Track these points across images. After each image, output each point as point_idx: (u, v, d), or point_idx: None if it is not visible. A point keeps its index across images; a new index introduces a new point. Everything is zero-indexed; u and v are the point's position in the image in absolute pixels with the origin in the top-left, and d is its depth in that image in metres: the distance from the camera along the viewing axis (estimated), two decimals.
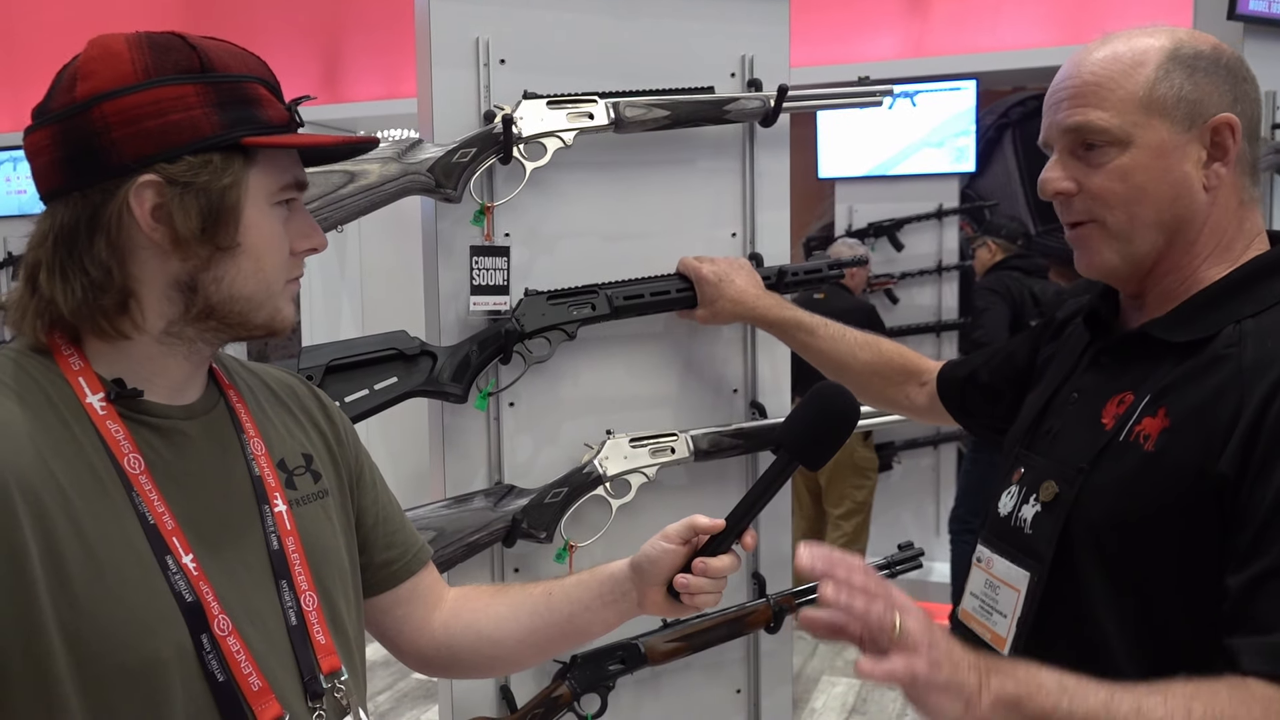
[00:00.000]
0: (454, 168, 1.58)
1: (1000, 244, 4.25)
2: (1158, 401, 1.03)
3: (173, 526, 0.88)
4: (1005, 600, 1.13)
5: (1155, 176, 1.06)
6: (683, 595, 1.12)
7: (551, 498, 1.68)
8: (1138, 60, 1.06)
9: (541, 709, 1.71)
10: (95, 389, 0.89)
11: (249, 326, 0.94)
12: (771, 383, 1.91)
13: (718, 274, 1.70)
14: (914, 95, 4.70)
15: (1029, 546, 1.11)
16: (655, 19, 1.78)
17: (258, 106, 0.90)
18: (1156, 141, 1.05)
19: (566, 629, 1.19)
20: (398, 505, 1.20)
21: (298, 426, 1.07)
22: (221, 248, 0.89)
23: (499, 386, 1.70)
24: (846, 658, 4.42)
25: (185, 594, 0.87)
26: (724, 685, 1.93)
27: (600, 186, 1.77)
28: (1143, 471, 1.02)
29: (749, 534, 1.13)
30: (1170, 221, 1.07)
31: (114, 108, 0.85)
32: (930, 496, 4.99)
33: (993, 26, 4.61)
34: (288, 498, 0.99)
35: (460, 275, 1.65)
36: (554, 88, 1.68)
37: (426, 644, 1.19)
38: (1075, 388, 1.17)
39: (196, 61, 0.88)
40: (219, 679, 0.87)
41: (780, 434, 1.13)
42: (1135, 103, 1.05)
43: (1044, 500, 1.10)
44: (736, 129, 1.83)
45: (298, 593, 0.96)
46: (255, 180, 0.90)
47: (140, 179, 0.86)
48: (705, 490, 1.85)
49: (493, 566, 1.74)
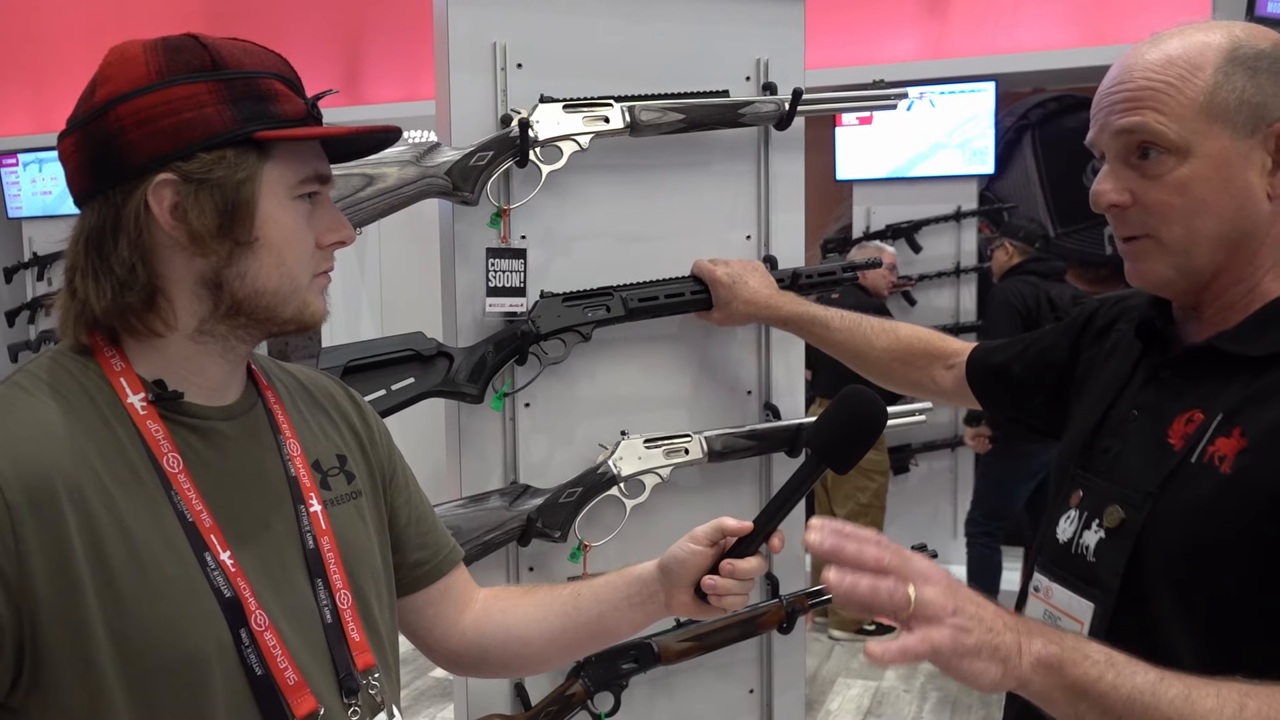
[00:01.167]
0: (471, 171, 1.60)
1: (1018, 246, 4.24)
2: (1232, 420, 0.96)
3: (210, 524, 0.90)
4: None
5: (1217, 188, 0.99)
6: (710, 597, 1.13)
7: (566, 497, 1.70)
8: (1195, 63, 0.99)
9: (555, 707, 1.73)
10: (136, 389, 0.90)
11: (278, 321, 0.95)
12: (786, 384, 1.91)
13: (731, 275, 1.71)
14: (933, 97, 4.68)
15: (1093, 575, 1.04)
16: (671, 23, 1.79)
17: (273, 101, 0.91)
18: (1218, 150, 0.98)
19: (595, 629, 1.20)
20: (430, 506, 1.21)
21: (332, 428, 1.09)
22: (240, 242, 0.90)
23: (515, 387, 1.71)
24: (862, 660, 4.42)
25: (224, 589, 0.89)
26: (737, 685, 1.94)
27: (616, 189, 1.79)
28: (1220, 495, 0.95)
29: (777, 536, 1.13)
30: (1232, 234, 1.00)
31: (129, 109, 0.87)
32: (948, 499, 4.98)
33: (1012, 28, 4.59)
34: (322, 498, 1.01)
35: (477, 277, 1.67)
36: (570, 91, 1.69)
37: (457, 643, 1.20)
38: (1134, 404, 1.09)
39: (208, 60, 0.89)
40: (257, 673, 0.89)
41: (808, 436, 1.13)
42: (1195, 109, 0.98)
43: (1108, 526, 1.03)
44: (751, 132, 1.84)
45: (333, 591, 0.98)
46: (272, 174, 0.91)
47: (157, 178, 0.87)
48: (719, 491, 1.86)
49: (508, 565, 1.76)
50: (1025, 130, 5.18)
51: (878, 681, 4.21)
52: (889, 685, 4.18)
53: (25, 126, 6.16)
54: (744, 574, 1.11)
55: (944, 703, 4.01)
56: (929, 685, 4.17)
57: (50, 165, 6.05)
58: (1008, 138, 5.25)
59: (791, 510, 1.13)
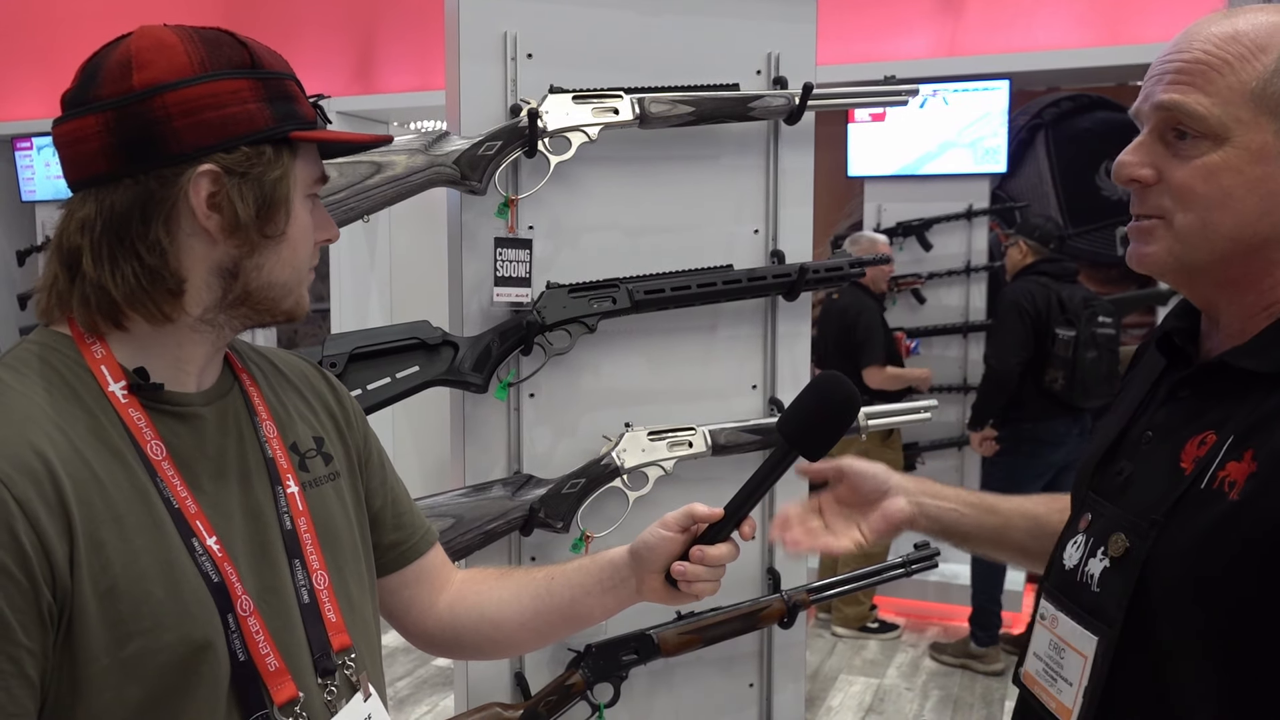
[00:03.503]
0: (479, 160, 1.60)
1: (1032, 246, 4.21)
2: (1244, 443, 0.90)
3: (195, 510, 0.91)
4: (1071, 666, 1.01)
5: (1246, 183, 0.91)
6: (680, 583, 1.13)
7: (569, 488, 1.70)
8: (1260, 45, 0.90)
9: (555, 696, 1.73)
10: (117, 377, 0.91)
11: (276, 312, 0.97)
12: (791, 379, 1.91)
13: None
14: (946, 95, 4.67)
15: (1097, 606, 0.98)
16: (682, 15, 1.79)
17: (297, 103, 0.95)
18: (1258, 144, 0.91)
19: (567, 613, 1.20)
20: (405, 489, 1.22)
21: (309, 409, 1.10)
22: (269, 236, 0.93)
23: (519, 377, 1.72)
24: (865, 657, 4.42)
25: (212, 575, 0.89)
26: (737, 679, 1.94)
27: (624, 181, 1.79)
28: (1228, 524, 0.88)
29: (747, 523, 1.13)
30: (1250, 238, 0.93)
31: (176, 98, 0.88)
32: None
33: (1027, 26, 4.57)
34: (300, 480, 1.02)
35: (484, 266, 1.68)
36: (580, 82, 1.69)
37: (432, 624, 1.21)
38: (1149, 425, 1.02)
39: (248, 58, 0.92)
40: (240, 659, 0.90)
41: (779, 422, 1.12)
42: (1244, 94, 0.90)
43: (1113, 555, 0.98)
44: (761, 126, 1.84)
45: (309, 571, 0.99)
46: (299, 173, 0.95)
47: (200, 168, 0.89)
48: (723, 485, 1.85)
49: (510, 555, 1.76)
50: (1039, 129, 5.16)
51: (879, 679, 4.21)
52: (891, 683, 4.18)
53: (39, 110, 6.17)
54: (713, 560, 1.12)
55: (945, 701, 4.00)
56: (931, 684, 4.17)
57: None
58: (1021, 137, 5.23)
59: (762, 498, 1.12)
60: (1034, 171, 5.15)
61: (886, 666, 4.34)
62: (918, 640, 4.60)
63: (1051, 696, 1.04)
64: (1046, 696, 1.04)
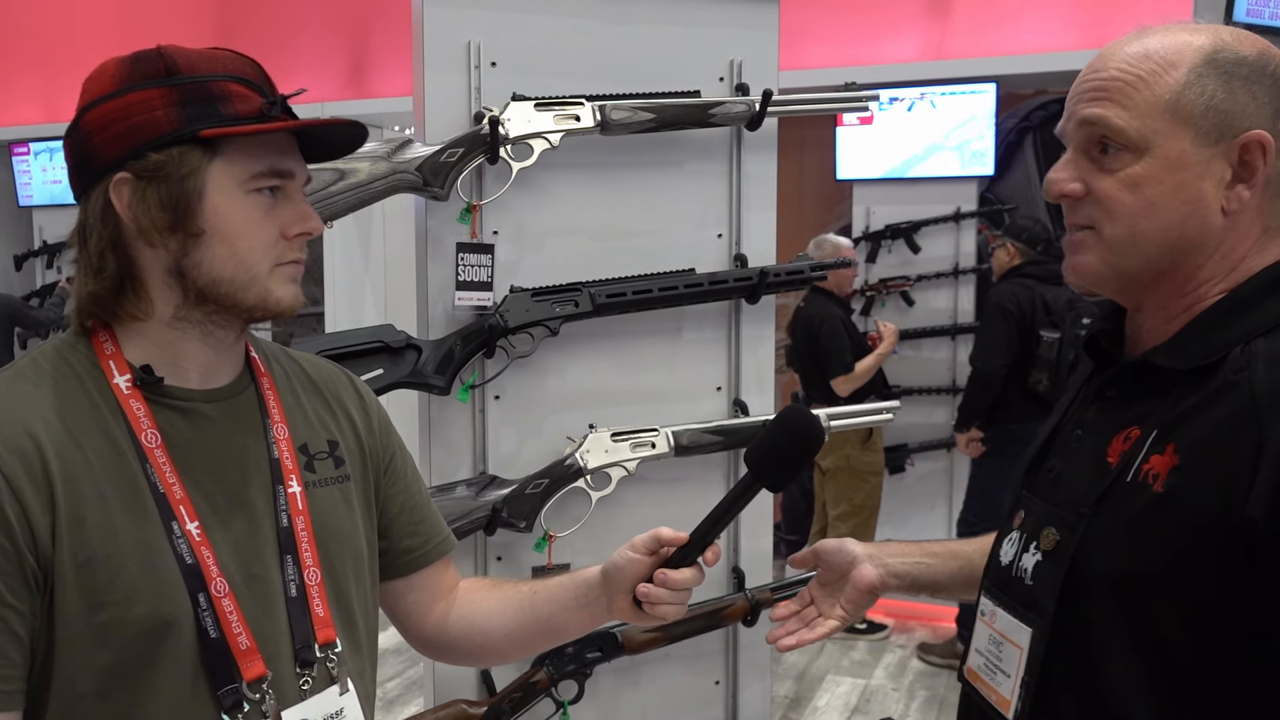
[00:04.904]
0: (441, 167, 1.64)
1: (1020, 248, 4.24)
2: (1166, 436, 0.93)
3: (181, 496, 0.97)
4: (1009, 658, 1.04)
5: (1168, 191, 0.95)
6: (644, 604, 1.15)
7: (532, 488, 1.73)
8: (1170, 60, 0.95)
9: (519, 694, 1.76)
10: (123, 371, 0.99)
11: (243, 309, 1.01)
12: (755, 380, 1.94)
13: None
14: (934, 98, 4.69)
15: (1031, 599, 1.02)
16: (645, 24, 1.82)
17: (224, 102, 0.97)
18: (1176, 153, 0.94)
19: (545, 627, 1.25)
20: (427, 497, 1.27)
21: (329, 414, 1.14)
22: (190, 234, 0.97)
23: (482, 379, 1.75)
24: (852, 658, 4.44)
25: (186, 556, 0.96)
26: (703, 676, 1.97)
27: (588, 186, 1.82)
28: (1152, 515, 0.92)
29: (712, 549, 1.15)
30: (1176, 242, 0.96)
31: (93, 116, 0.97)
32: (943, 499, 4.98)
33: (1014, 30, 4.60)
34: (304, 480, 1.07)
35: (448, 271, 1.71)
36: (545, 90, 1.72)
37: (431, 630, 1.26)
38: (1079, 423, 1.06)
39: (163, 68, 0.97)
40: (211, 635, 0.96)
41: (746, 455, 1.14)
42: (1159, 106, 0.94)
43: (1044, 549, 1.01)
44: (724, 132, 1.86)
45: (301, 568, 1.04)
46: (221, 169, 0.97)
47: (115, 177, 0.96)
48: (686, 486, 1.89)
49: (475, 554, 1.79)
50: (1026, 132, 5.17)
51: (866, 679, 4.23)
52: (877, 683, 4.20)
53: (36, 115, 6.22)
54: (676, 584, 1.14)
55: (931, 701, 4.02)
56: (917, 684, 4.19)
57: (60, 154, 6.10)
58: (1009, 139, 5.24)
59: (727, 525, 1.15)
60: (1022, 174, 5.17)
61: (874, 667, 4.36)
62: (906, 641, 4.62)
63: (992, 689, 1.07)
64: (987, 689, 1.08)
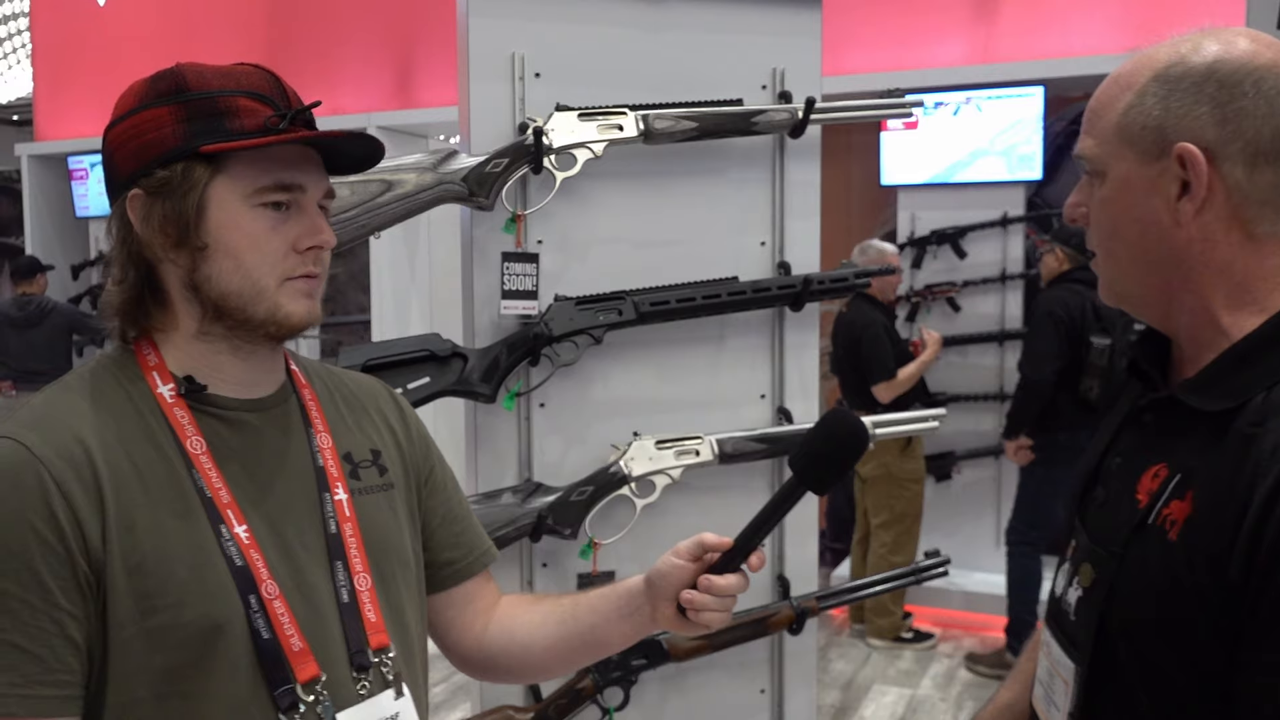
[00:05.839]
0: (487, 177, 1.65)
1: (1069, 253, 4.18)
2: (1187, 483, 0.90)
3: (228, 500, 0.99)
4: (1058, 692, 1.03)
5: (1121, 211, 0.96)
6: (688, 612, 1.13)
7: (577, 496, 1.74)
8: (1126, 83, 0.95)
9: (565, 700, 1.77)
10: (166, 380, 1.01)
11: (254, 323, 1.01)
12: (799, 388, 1.94)
13: None
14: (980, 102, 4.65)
15: (1073, 635, 1.00)
16: (688, 33, 1.83)
17: (229, 117, 0.98)
18: (1123, 173, 0.95)
19: (588, 639, 1.23)
20: (468, 509, 1.27)
21: (370, 425, 1.16)
22: (195, 248, 0.99)
23: (527, 387, 1.76)
24: (900, 667, 4.40)
25: (235, 559, 0.97)
26: (748, 684, 1.96)
27: (632, 195, 1.83)
28: (1165, 563, 0.89)
29: (756, 555, 1.13)
30: (1144, 258, 0.96)
31: (113, 135, 1.01)
32: (991, 507, 4.93)
33: (1062, 32, 4.54)
34: (350, 487, 1.08)
35: (493, 280, 1.72)
36: (588, 100, 1.74)
37: (471, 646, 1.25)
38: (1119, 450, 1.04)
39: (174, 86, 0.99)
40: (264, 637, 0.97)
41: (791, 460, 1.13)
42: (1111, 130, 0.95)
43: (1083, 585, 0.99)
44: (767, 140, 1.87)
45: (351, 573, 1.05)
46: (223, 184, 0.99)
47: (130, 193, 0.99)
48: (730, 493, 1.89)
49: (521, 561, 1.80)
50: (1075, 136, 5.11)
51: (913, 689, 4.19)
52: (925, 693, 4.16)
53: (92, 129, 6.38)
54: (721, 590, 1.12)
55: None
56: (965, 695, 4.14)
57: None
58: (1058, 143, 5.19)
59: (772, 530, 1.14)
60: (1070, 178, 5.09)
61: (921, 677, 4.32)
62: (953, 650, 4.57)
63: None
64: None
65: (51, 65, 6.61)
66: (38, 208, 6.65)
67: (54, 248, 6.63)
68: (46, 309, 5.83)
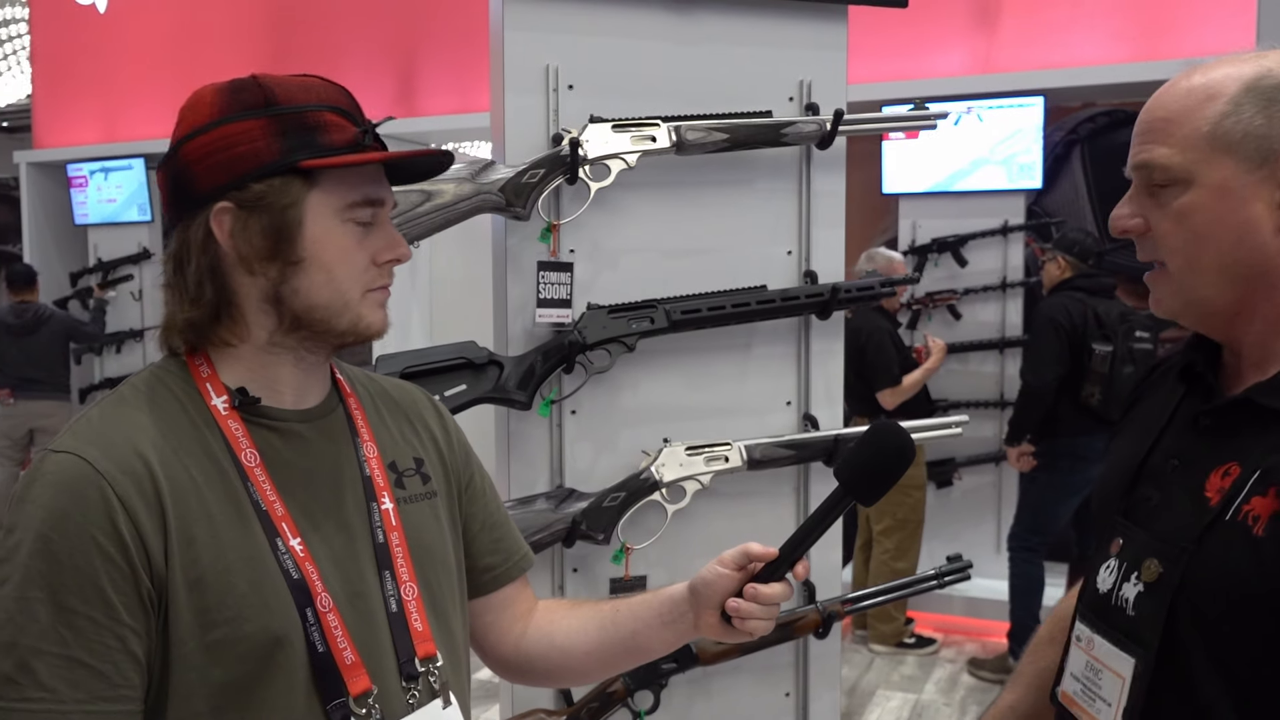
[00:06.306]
0: (524, 188, 1.68)
1: (1070, 261, 4.23)
2: (1268, 479, 0.94)
3: (283, 513, 0.99)
4: (1109, 687, 1.04)
5: (1217, 218, 0.98)
6: (734, 619, 1.15)
7: (609, 501, 1.76)
8: (1211, 93, 0.98)
9: (596, 703, 1.79)
10: (219, 393, 1.01)
11: (336, 333, 1.03)
12: (824, 395, 1.97)
13: None
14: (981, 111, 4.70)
15: (1132, 630, 1.02)
16: (717, 45, 1.86)
17: (321, 132, 1.00)
18: (1220, 180, 0.97)
19: (629, 645, 1.24)
20: (506, 515, 1.28)
21: (412, 433, 1.17)
22: (289, 262, 1.00)
23: (562, 395, 1.78)
24: (903, 672, 4.43)
25: (292, 572, 0.98)
26: (773, 688, 1.99)
27: (662, 205, 1.86)
28: (1252, 557, 0.92)
29: (801, 564, 1.15)
30: (1235, 266, 0.98)
31: (192, 146, 0.99)
32: (991, 513, 4.96)
33: (1062, 42, 4.59)
34: (396, 496, 1.09)
35: (527, 289, 1.75)
36: (619, 111, 1.76)
37: (509, 650, 1.27)
38: (1173, 453, 1.06)
39: (262, 98, 0.99)
40: (319, 650, 0.98)
41: (836, 470, 1.15)
42: (1200, 138, 0.98)
43: (1146, 580, 1.01)
44: (794, 151, 1.90)
45: (399, 583, 1.06)
46: (319, 199, 1.00)
47: (217, 206, 0.98)
48: (758, 499, 1.92)
49: (553, 566, 1.83)
50: (1074, 145, 5.17)
51: (917, 694, 4.22)
52: (929, 698, 4.19)
53: (92, 136, 6.37)
54: (767, 599, 1.13)
55: None
56: (969, 699, 4.17)
57: (115, 174, 6.26)
58: (1056, 152, 5.25)
59: (818, 539, 1.16)
60: (1070, 187, 5.17)
61: (924, 682, 4.35)
62: (956, 656, 4.60)
63: (1091, 716, 1.07)
64: (1087, 716, 1.08)
65: (51, 72, 6.60)
66: (36, 215, 6.64)
67: (52, 255, 6.62)
68: (43, 316, 5.83)
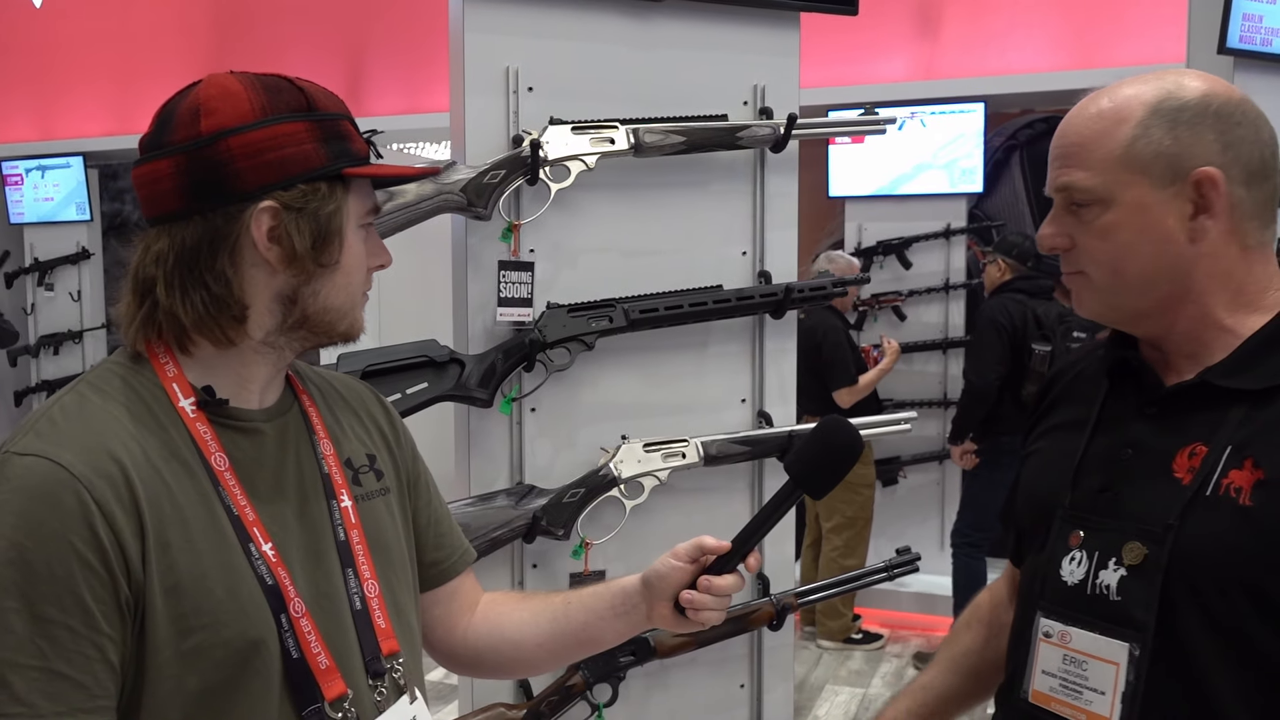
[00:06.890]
0: (485, 188, 1.70)
1: (1010, 263, 4.34)
2: (1242, 452, 0.99)
3: (253, 518, 0.99)
4: (1099, 676, 1.05)
5: (1137, 233, 1.04)
6: (688, 610, 1.17)
7: (569, 498, 1.79)
8: (1120, 117, 1.05)
9: (556, 697, 1.82)
10: (187, 394, 0.99)
11: (332, 334, 1.05)
12: (778, 393, 2.01)
13: None
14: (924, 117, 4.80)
15: (1122, 614, 1.04)
16: (674, 49, 1.90)
17: (350, 141, 1.02)
18: (1135, 199, 1.04)
19: (581, 636, 1.26)
20: (448, 511, 1.29)
21: (363, 429, 1.17)
22: (324, 265, 1.01)
23: (522, 392, 1.81)
24: (850, 667, 4.51)
25: (266, 578, 0.97)
26: (728, 679, 2.03)
27: (620, 206, 1.89)
28: (1242, 527, 0.97)
29: (753, 556, 1.18)
30: (1156, 274, 1.05)
31: (239, 142, 0.96)
32: (935, 510, 5.07)
33: (1002, 50, 4.71)
34: (353, 494, 1.10)
35: (488, 288, 1.77)
36: (578, 114, 1.79)
37: (457, 643, 1.28)
38: (1125, 443, 1.10)
39: (304, 102, 1.00)
40: (294, 656, 0.98)
41: (787, 464, 1.18)
42: (1115, 161, 1.04)
43: (1130, 563, 1.04)
44: (748, 153, 1.94)
45: (361, 580, 1.06)
46: (351, 206, 1.02)
47: (262, 204, 0.97)
48: (714, 494, 1.96)
49: (513, 562, 1.85)
50: (1014, 150, 5.31)
51: (865, 689, 4.30)
52: (875, 692, 4.26)
53: (28, 133, 6.24)
54: (720, 590, 1.16)
55: None
56: None
57: (53, 173, 6.13)
58: (996, 157, 5.38)
59: (769, 532, 1.19)
60: (1009, 191, 5.30)
61: (871, 676, 4.43)
62: (902, 650, 4.69)
63: (1079, 709, 1.07)
64: (1073, 710, 1.08)
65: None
66: None
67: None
68: None
